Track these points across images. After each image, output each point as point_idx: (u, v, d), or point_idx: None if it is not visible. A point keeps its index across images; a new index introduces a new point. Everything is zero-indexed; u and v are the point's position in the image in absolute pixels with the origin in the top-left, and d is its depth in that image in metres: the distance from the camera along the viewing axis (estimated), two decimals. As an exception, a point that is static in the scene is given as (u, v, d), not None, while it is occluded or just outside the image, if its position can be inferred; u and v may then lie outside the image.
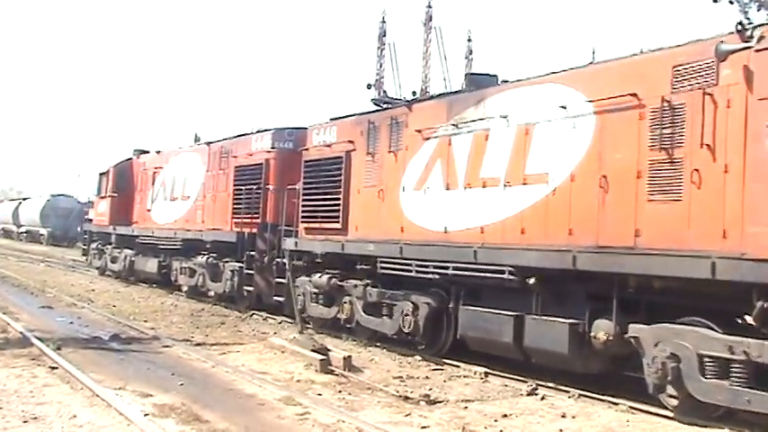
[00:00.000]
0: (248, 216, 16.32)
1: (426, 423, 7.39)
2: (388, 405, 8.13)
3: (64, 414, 7.12)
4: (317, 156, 13.88)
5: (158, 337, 12.31)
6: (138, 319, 14.60)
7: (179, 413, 7.32)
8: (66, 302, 16.83)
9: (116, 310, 15.80)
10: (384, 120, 12.28)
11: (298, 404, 7.93)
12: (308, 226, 13.88)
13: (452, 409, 8.02)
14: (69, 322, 13.82)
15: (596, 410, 8.16)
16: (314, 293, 13.47)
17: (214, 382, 9.16)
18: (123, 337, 12.19)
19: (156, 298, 18.76)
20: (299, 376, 9.53)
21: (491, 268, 9.66)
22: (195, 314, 15.75)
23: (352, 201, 12.83)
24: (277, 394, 8.40)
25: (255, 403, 8.08)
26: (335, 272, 12.98)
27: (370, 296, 12.06)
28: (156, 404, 7.66)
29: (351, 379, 9.49)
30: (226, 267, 17.13)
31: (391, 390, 8.80)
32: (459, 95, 11.16)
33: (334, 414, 7.53)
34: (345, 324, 12.80)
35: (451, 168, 10.72)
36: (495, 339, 9.74)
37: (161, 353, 10.96)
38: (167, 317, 15.17)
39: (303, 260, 13.96)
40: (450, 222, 10.60)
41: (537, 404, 8.45)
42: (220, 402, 7.98)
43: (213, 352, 11.17)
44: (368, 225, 12.36)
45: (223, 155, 18.18)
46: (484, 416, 7.76)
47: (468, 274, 10.06)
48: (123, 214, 23.69)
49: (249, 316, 15.67)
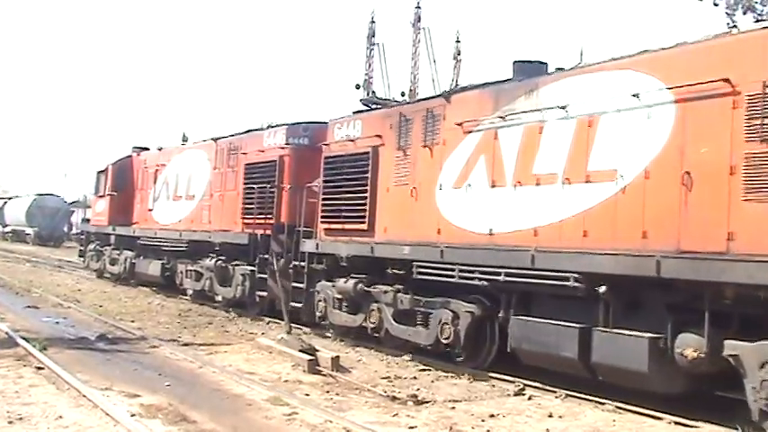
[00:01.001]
0: (261, 216, 15.24)
1: (414, 423, 7.40)
2: (376, 405, 8.14)
3: (50, 414, 7.08)
4: (340, 152, 12.96)
5: (145, 337, 12.27)
6: (125, 319, 14.55)
7: (166, 413, 7.30)
8: (52, 302, 16.75)
9: (103, 310, 15.73)
10: (418, 112, 11.34)
11: (285, 404, 7.92)
12: (329, 227, 12.96)
13: (440, 410, 8.03)
14: (55, 322, 13.76)
15: (583, 410, 8.19)
16: (337, 299, 12.51)
17: (201, 382, 9.13)
18: (110, 337, 12.14)
19: (144, 298, 18.69)
20: (287, 376, 9.53)
21: (552, 274, 8.68)
22: (182, 314, 15.70)
23: (379, 200, 11.91)
24: (264, 394, 8.39)
25: (243, 403, 8.06)
26: (362, 276, 11.97)
27: (401, 303, 11.02)
28: (143, 404, 7.64)
29: (338, 379, 9.48)
30: (236, 271, 16.06)
31: (379, 390, 8.81)
32: (506, 85, 10.14)
33: (321, 414, 7.53)
34: (373, 333, 11.84)
35: (498, 164, 9.83)
36: (555, 354, 8.75)
37: (148, 353, 10.93)
38: (154, 317, 15.12)
39: (324, 263, 12.98)
40: (496, 223, 9.72)
41: (524, 404, 8.48)
42: (208, 403, 7.96)
43: (200, 352, 11.14)
44: (398, 226, 11.46)
45: (232, 151, 17.13)
46: (471, 416, 7.77)
47: (523, 280, 9.10)
48: (123, 214, 22.57)
49: (237, 316, 15.61)
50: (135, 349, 11.15)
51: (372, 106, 14.43)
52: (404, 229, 11.32)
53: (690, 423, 7.52)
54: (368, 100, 17.12)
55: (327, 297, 12.74)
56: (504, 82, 10.30)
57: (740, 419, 7.20)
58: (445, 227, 10.54)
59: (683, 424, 7.53)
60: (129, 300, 18.18)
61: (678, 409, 7.69)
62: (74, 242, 52.68)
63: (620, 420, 7.78)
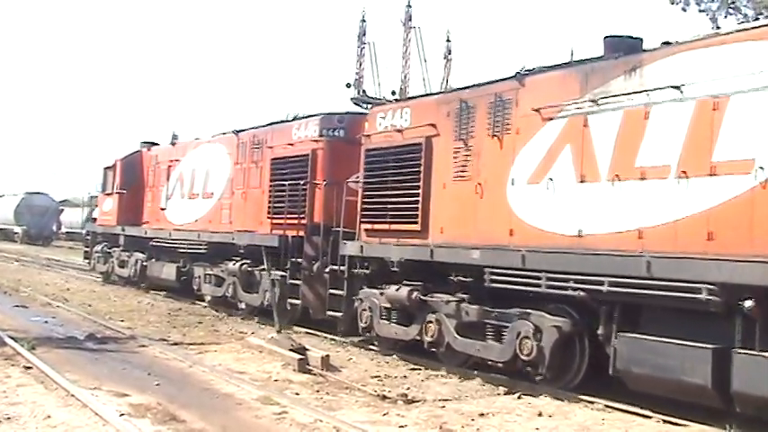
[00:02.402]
0: (292, 216, 13.82)
1: (404, 422, 7.40)
2: (366, 404, 8.13)
3: (38, 414, 7.05)
4: (384, 143, 11.64)
5: (134, 336, 12.22)
6: (114, 318, 14.49)
7: (155, 413, 7.28)
8: (40, 302, 16.67)
9: (92, 309, 15.66)
10: (483, 97, 10.00)
11: (275, 404, 7.91)
12: (372, 227, 11.63)
13: (430, 409, 8.03)
14: (44, 321, 13.70)
15: (572, 409, 8.20)
16: (385, 309, 11.16)
17: (191, 381, 9.11)
18: (99, 336, 12.08)
19: (133, 297, 18.60)
20: (277, 376, 9.51)
21: (675, 285, 7.34)
22: (172, 313, 15.64)
23: (434, 197, 10.59)
24: (254, 394, 8.37)
25: (233, 403, 8.04)
26: (417, 284, 10.63)
27: (466, 315, 9.75)
28: (132, 404, 7.61)
29: (329, 378, 9.47)
30: (263, 276, 14.50)
31: (369, 389, 8.80)
32: (598, 63, 8.81)
33: (311, 414, 7.52)
34: (430, 348, 10.46)
35: (588, 156, 8.52)
36: (678, 379, 7.38)
37: (137, 352, 10.89)
38: (144, 316, 15.06)
39: (370, 269, 11.61)
40: (587, 223, 8.44)
41: (514, 403, 8.48)
42: (197, 402, 7.94)
43: (190, 351, 11.11)
44: (458, 226, 10.14)
45: (255, 145, 15.73)
46: (461, 415, 7.77)
47: (634, 291, 7.76)
48: (132, 213, 21.11)
49: (227, 315, 15.55)
50: (124, 349, 11.11)
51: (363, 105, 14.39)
52: (465, 230, 10.01)
53: (678, 422, 7.55)
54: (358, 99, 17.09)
55: (373, 306, 11.37)
56: (593, 60, 8.98)
57: (730, 418, 7.24)
58: (519, 227, 9.27)
59: (671, 422, 7.56)
60: (119, 299, 18.10)
61: (667, 408, 7.72)
62: (62, 241, 52.66)
63: (609, 419, 7.80)
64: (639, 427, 7.52)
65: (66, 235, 55.31)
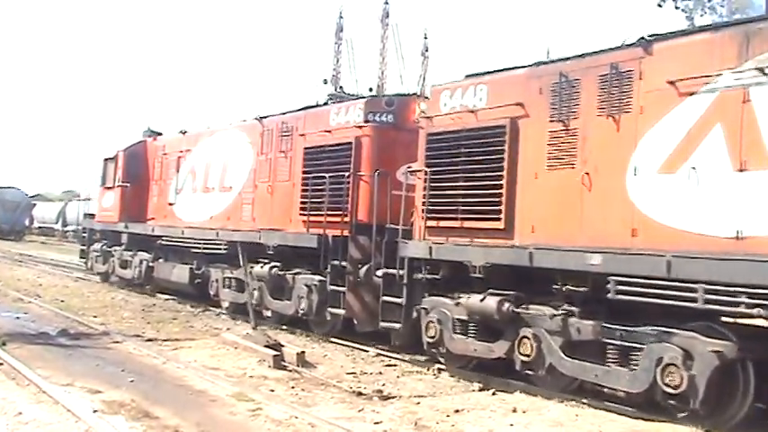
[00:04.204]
0: (333, 213, 12.24)
1: (379, 418, 7.42)
2: (342, 401, 8.15)
3: (9, 411, 6.97)
4: (452, 126, 10.06)
5: (108, 332, 12.12)
6: (88, 314, 14.34)
7: (129, 409, 7.23)
8: (12, 297, 16.45)
9: (64, 305, 15.50)
10: (591, 69, 8.45)
11: (250, 400, 7.89)
12: (438, 225, 10.03)
13: (405, 405, 8.06)
14: (15, 317, 13.52)
15: (546, 405, 8.26)
16: (459, 321, 9.58)
17: (165, 378, 9.05)
18: (72, 332, 11.97)
19: (106, 293, 18.43)
20: (252, 372, 9.48)
21: None
22: (146, 309, 15.53)
23: (522, 189, 9.08)
24: (229, 390, 8.35)
25: (207, 399, 8.01)
26: (508, 293, 8.98)
27: (577, 332, 8.18)
28: (106, 400, 7.55)
29: (304, 375, 9.47)
30: (297, 281, 12.97)
31: (344, 385, 8.81)
32: (764, 23, 7.25)
33: (286, 410, 7.51)
34: (525, 369, 8.80)
35: (751, 138, 7.00)
36: None
37: (111, 348, 10.80)
38: (118, 312, 14.93)
39: (440, 273, 9.93)
40: (750, 223, 6.90)
41: (489, 399, 8.54)
42: (171, 398, 7.89)
43: (164, 348, 11.04)
44: (557, 224, 8.60)
45: (284, 133, 14.09)
46: (436, 411, 7.81)
47: None
48: (136, 209, 19.44)
49: (202, 311, 15.48)
50: (97, 345, 11.01)
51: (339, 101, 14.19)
52: (567, 229, 8.47)
53: (651, 418, 7.63)
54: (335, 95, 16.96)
55: (443, 318, 9.74)
56: (756, 20, 7.57)
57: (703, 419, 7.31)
58: (645, 226, 7.73)
59: (644, 419, 7.65)
60: (92, 294, 17.93)
61: (640, 407, 7.79)
62: (35, 236, 52.07)
63: (582, 415, 7.86)
64: (612, 423, 7.58)
65: (39, 230, 54.75)
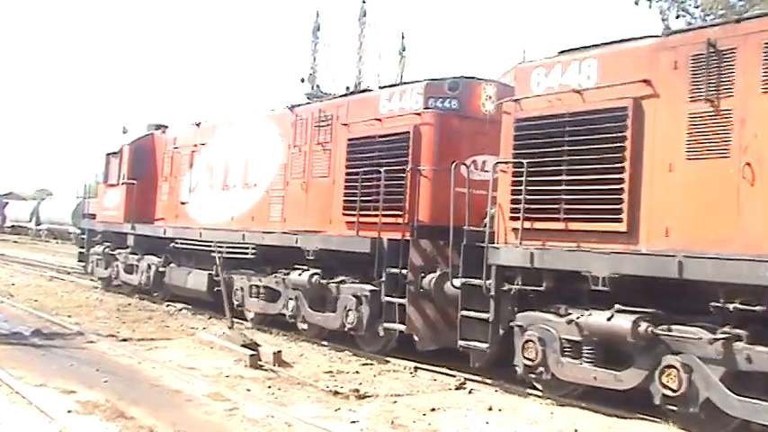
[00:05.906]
0: (388, 213, 10.73)
1: (356, 417, 7.42)
2: (318, 400, 8.14)
3: (-19, 412, 6.90)
4: (549, 110, 8.61)
5: (83, 332, 12.02)
6: (62, 314, 14.21)
7: (103, 410, 7.17)
8: (-16, 297, 16.27)
9: (38, 304, 15.33)
10: (750, 37, 7.01)
11: (226, 399, 7.87)
12: (533, 226, 8.58)
13: (382, 404, 8.07)
14: (-13, 317, 13.38)
15: (522, 404, 8.33)
16: (570, 343, 8.12)
17: (140, 377, 9.00)
18: (45, 332, 11.86)
19: (81, 292, 18.26)
20: (228, 371, 9.45)
21: None
22: (121, 309, 15.40)
23: (650, 183, 7.66)
24: (205, 390, 8.32)
25: (183, 399, 7.97)
26: (644, 311, 7.47)
27: (748, 361, 6.70)
28: (80, 401, 7.49)
29: (280, 374, 9.45)
30: (342, 291, 11.46)
31: (321, 385, 8.81)
32: None
33: (263, 409, 7.50)
34: (667, 404, 7.28)
35: None
36: None
37: (85, 348, 10.71)
38: (92, 311, 14.80)
39: (544, 285, 8.42)
40: None
41: (465, 398, 8.58)
42: (147, 398, 7.85)
43: (140, 347, 10.97)
44: (703, 225, 7.18)
45: (322, 122, 12.48)
46: (413, 410, 7.83)
47: None
48: (144, 208, 17.72)
49: (179, 311, 15.38)
50: (72, 345, 10.92)
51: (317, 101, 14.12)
52: (718, 232, 7.03)
53: (626, 415, 7.71)
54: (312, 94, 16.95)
55: (548, 338, 8.29)
56: None
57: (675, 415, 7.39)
58: None
59: (618, 416, 7.72)
60: (66, 294, 17.76)
61: (616, 405, 7.86)
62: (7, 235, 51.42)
63: (558, 413, 7.94)
64: (587, 421, 7.66)
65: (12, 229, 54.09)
